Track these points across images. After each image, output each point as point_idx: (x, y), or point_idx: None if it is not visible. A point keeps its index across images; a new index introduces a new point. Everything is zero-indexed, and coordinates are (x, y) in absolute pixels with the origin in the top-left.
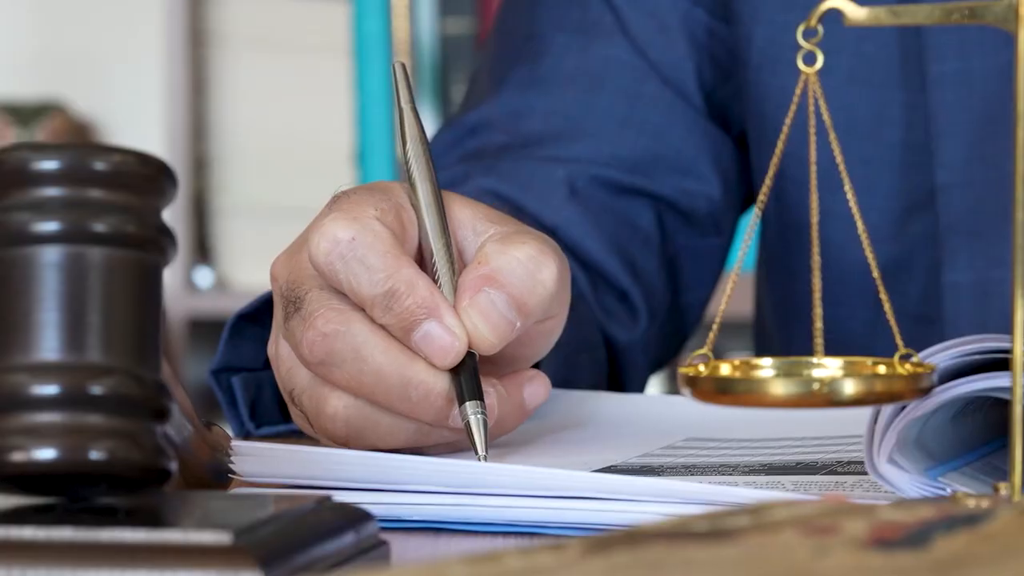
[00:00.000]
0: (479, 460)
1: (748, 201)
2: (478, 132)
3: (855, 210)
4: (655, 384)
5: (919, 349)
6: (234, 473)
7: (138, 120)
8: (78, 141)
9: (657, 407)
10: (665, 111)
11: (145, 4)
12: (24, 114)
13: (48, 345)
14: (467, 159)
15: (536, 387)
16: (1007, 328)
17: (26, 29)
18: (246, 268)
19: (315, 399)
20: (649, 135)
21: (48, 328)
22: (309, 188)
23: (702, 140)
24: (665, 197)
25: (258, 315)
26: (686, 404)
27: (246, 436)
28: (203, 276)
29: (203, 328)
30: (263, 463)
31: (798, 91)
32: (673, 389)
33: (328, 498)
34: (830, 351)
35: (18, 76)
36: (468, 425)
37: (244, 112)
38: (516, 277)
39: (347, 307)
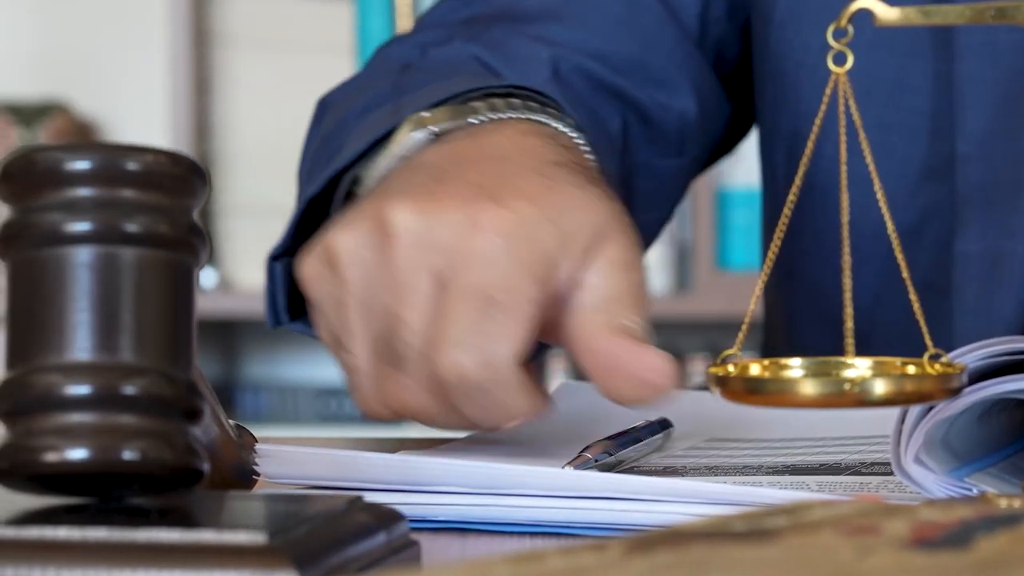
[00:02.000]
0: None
1: (721, 147)
2: (473, 1)
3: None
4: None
5: (927, 318)
6: (258, 474)
7: (141, 120)
8: (80, 141)
9: (682, 407)
10: (658, 24)
11: (148, 4)
12: (27, 114)
13: (80, 345)
14: (457, 25)
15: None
16: (1015, 298)
17: (29, 29)
18: (250, 268)
19: (383, 380)
20: (639, 41)
21: (80, 328)
22: None
23: (686, 60)
24: (640, 103)
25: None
26: (705, 403)
27: (276, 324)
28: (207, 276)
29: (207, 328)
30: (288, 465)
31: (828, 91)
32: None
33: (359, 498)
34: (828, 315)
35: (21, 76)
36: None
37: (247, 112)
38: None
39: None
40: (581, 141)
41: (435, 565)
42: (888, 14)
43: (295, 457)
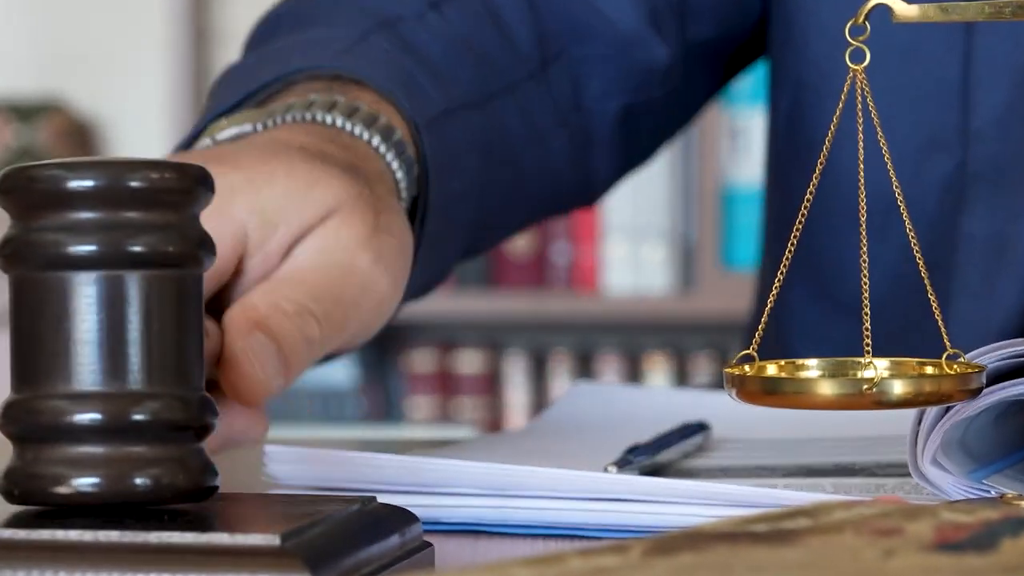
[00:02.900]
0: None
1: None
2: None
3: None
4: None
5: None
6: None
7: (140, 118)
8: (77, 138)
9: (691, 405)
10: None
11: (148, 1)
12: (24, 112)
13: (88, 372)
14: None
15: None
16: (1018, 284)
17: (27, 26)
18: None
19: None
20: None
21: (88, 356)
22: None
23: (643, 8)
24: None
25: None
26: (714, 403)
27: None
28: None
29: None
30: (298, 466)
31: (845, 88)
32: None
33: (372, 499)
34: (812, 278)
35: (19, 73)
36: None
37: None
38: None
39: None
40: (368, 139)
41: (454, 567)
42: (906, 10)
43: (305, 458)
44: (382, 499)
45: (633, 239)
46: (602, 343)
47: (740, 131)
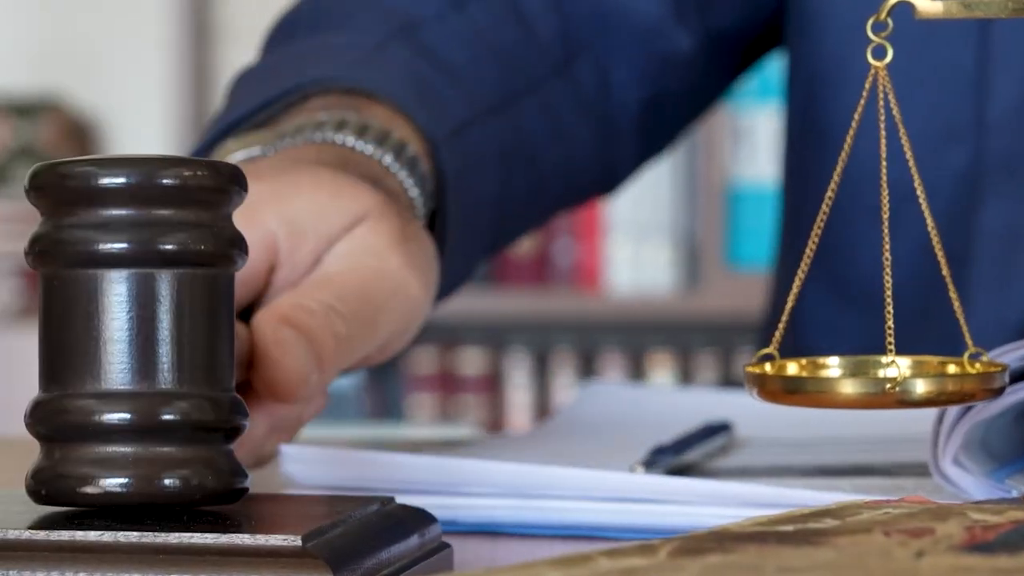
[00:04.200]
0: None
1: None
2: None
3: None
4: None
5: (943, 289)
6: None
7: (140, 115)
8: (77, 136)
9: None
10: None
11: None
12: (23, 110)
13: (118, 371)
14: None
15: None
16: None
17: (26, 22)
18: None
19: None
20: None
21: (117, 354)
22: None
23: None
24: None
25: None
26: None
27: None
28: None
29: None
30: (314, 467)
31: (867, 85)
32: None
33: (391, 500)
34: (827, 272)
35: (18, 70)
36: None
37: None
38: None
39: None
40: (379, 158)
41: (480, 568)
42: (929, 7)
43: (322, 458)
44: (399, 499)
45: (637, 237)
46: (605, 342)
47: (745, 129)
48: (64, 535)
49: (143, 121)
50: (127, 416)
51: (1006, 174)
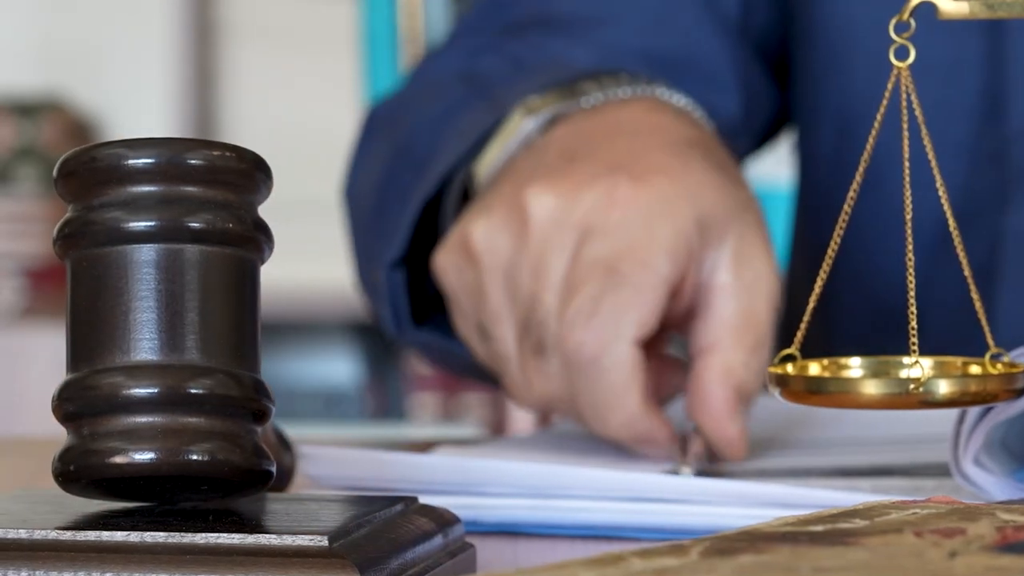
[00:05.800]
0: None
1: (765, 138)
2: (506, 6)
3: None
4: None
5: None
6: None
7: (142, 115)
8: (79, 136)
9: None
10: (697, 16)
11: None
12: (26, 108)
13: (146, 346)
14: (494, 32)
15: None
16: None
17: (28, 21)
18: None
19: (529, 370)
20: (680, 36)
21: (145, 328)
22: (316, 183)
23: (730, 52)
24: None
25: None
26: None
27: (399, 334)
28: None
29: None
30: (334, 468)
31: (889, 86)
32: None
33: (414, 500)
34: (868, 299)
35: (20, 69)
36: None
37: (251, 106)
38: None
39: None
40: (706, 121)
41: (510, 569)
42: (952, 7)
43: (342, 459)
44: (420, 500)
45: None
46: None
47: None
48: (91, 535)
49: (145, 120)
50: (154, 389)
51: None
